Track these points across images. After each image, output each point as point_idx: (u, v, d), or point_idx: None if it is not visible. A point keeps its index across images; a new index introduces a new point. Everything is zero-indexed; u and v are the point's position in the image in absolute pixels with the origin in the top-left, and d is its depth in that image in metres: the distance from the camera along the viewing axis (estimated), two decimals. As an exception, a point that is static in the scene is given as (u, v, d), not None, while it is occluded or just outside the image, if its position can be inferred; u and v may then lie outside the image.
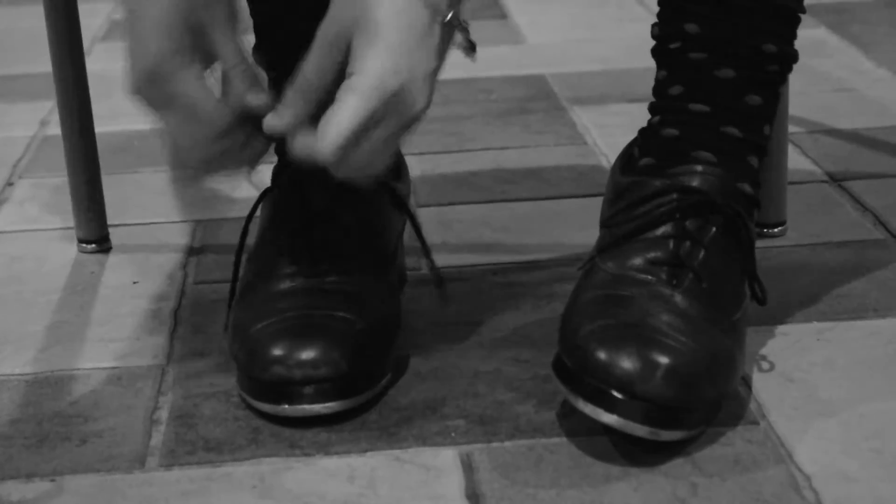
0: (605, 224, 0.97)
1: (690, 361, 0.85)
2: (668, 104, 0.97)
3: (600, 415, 0.84)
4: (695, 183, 0.94)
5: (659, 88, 0.98)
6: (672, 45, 0.96)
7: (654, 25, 0.98)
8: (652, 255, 0.92)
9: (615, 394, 0.84)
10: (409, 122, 0.85)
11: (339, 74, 0.85)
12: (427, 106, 0.85)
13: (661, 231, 0.93)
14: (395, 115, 0.84)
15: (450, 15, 0.83)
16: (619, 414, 0.84)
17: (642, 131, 0.99)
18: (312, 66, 0.86)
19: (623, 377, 0.83)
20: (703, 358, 0.86)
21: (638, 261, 0.92)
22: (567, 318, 0.90)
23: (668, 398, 0.84)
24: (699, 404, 0.86)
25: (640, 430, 0.84)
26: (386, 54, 0.83)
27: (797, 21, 0.96)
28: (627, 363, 0.84)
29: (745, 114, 0.95)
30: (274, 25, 1.04)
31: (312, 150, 0.85)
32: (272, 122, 0.87)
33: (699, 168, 0.94)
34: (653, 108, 0.98)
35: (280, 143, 1.06)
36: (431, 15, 0.83)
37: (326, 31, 0.85)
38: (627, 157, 1.00)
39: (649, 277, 0.91)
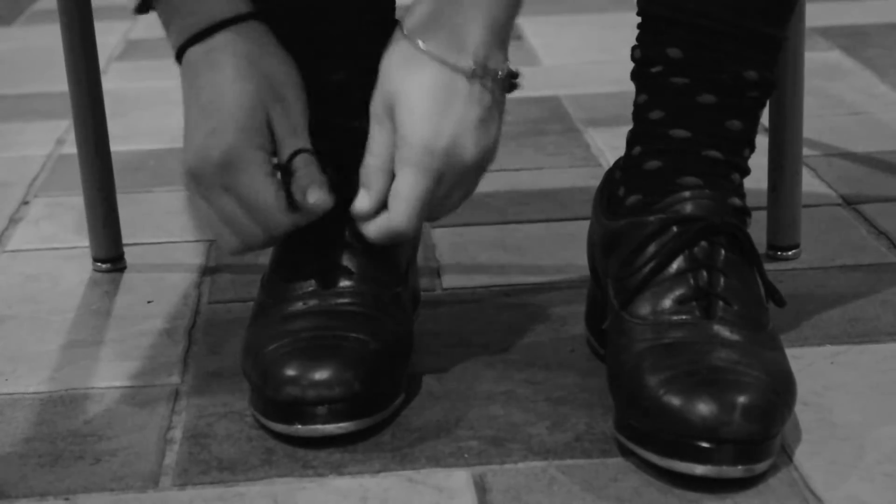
0: (611, 276, 0.96)
1: (761, 391, 0.85)
2: (648, 130, 0.97)
3: (693, 468, 0.84)
4: (688, 209, 0.93)
5: (639, 113, 0.98)
6: (653, 69, 0.96)
7: (634, 48, 0.97)
8: (676, 293, 0.91)
9: (702, 444, 0.83)
10: (473, 171, 0.91)
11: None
12: (485, 149, 0.90)
13: (675, 268, 0.92)
14: (452, 169, 0.90)
15: (478, 70, 0.88)
16: (712, 462, 0.83)
17: (624, 168, 0.99)
18: (376, 143, 0.91)
19: (706, 425, 0.83)
20: (770, 382, 0.86)
21: (666, 303, 0.91)
22: (620, 379, 0.90)
23: (754, 433, 0.83)
24: (780, 427, 0.86)
25: (734, 471, 0.84)
26: (423, 122, 0.88)
27: (779, 48, 0.96)
28: (705, 410, 0.83)
29: (726, 138, 0.95)
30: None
31: (389, 228, 0.91)
32: (360, 205, 0.92)
33: (687, 194, 0.94)
34: (633, 136, 0.98)
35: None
36: (462, 76, 0.88)
37: (375, 107, 0.91)
38: (611, 197, 1.00)
39: (684, 317, 0.91)
